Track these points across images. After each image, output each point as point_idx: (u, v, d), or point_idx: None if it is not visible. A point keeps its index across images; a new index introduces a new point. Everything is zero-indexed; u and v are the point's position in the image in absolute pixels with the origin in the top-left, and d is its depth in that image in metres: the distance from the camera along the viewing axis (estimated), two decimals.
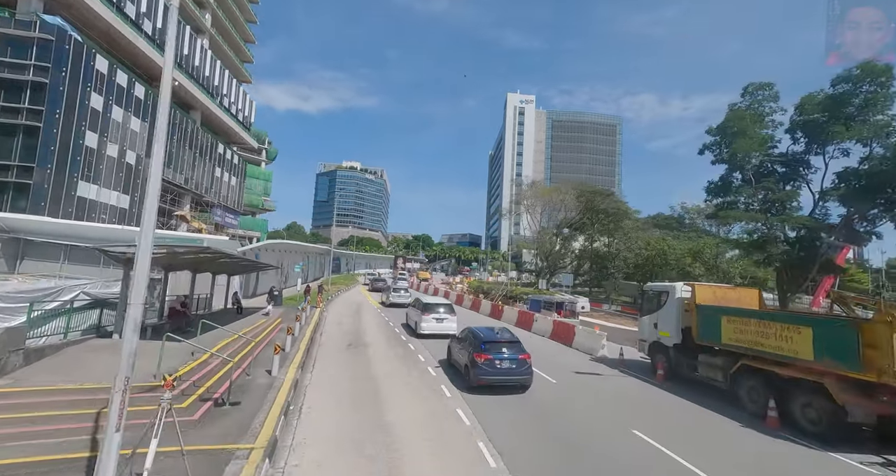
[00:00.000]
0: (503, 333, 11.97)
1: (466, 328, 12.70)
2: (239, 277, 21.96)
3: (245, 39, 55.68)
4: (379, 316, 24.25)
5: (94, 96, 30.03)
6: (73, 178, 28.68)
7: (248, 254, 22.57)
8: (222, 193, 50.85)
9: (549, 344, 18.25)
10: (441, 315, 17.93)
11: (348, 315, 23.35)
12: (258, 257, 24.00)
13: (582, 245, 47.37)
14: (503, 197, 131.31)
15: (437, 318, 17.81)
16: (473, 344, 11.12)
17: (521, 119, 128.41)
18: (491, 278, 68.96)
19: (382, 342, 16.60)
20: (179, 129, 40.95)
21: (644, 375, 13.18)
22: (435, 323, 17.70)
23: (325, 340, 16.08)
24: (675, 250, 29.01)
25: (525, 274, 77.64)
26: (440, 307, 18.26)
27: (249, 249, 23.05)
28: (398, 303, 27.94)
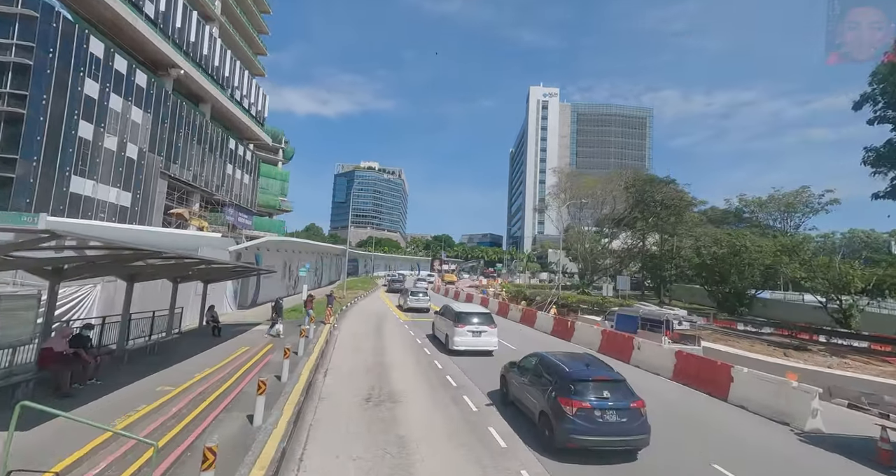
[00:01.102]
0: (597, 366, 8.14)
1: (535, 355, 9.08)
2: (233, 284, 18.41)
3: (258, 30, 53.08)
4: (408, 336, 18.03)
5: (89, 82, 27.30)
6: (65, 173, 25.94)
7: (244, 254, 18.94)
8: (234, 192, 48.21)
9: (676, 390, 11.85)
10: (478, 327, 14.97)
11: (366, 335, 17.47)
12: (259, 260, 20.43)
13: (624, 243, 42.18)
14: (527, 194, 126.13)
15: (473, 331, 14.85)
16: (557, 382, 7.53)
17: (544, 113, 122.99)
18: (521, 281, 64.06)
19: (420, 388, 10.71)
20: (187, 122, 38.27)
21: None
22: (471, 337, 14.82)
23: (331, 387, 10.23)
24: (761, 248, 23.88)
25: (554, 275, 72.42)
26: (475, 317, 15.22)
27: (245, 248, 19.76)
28: (416, 307, 26.29)
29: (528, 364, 8.94)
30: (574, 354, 9.17)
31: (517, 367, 9.38)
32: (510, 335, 18.81)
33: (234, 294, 19.58)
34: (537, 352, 9.23)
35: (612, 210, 41.34)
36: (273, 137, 75.98)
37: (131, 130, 31.44)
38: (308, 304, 17.73)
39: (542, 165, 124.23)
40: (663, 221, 35.23)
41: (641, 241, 38.26)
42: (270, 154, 78.95)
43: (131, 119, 31.39)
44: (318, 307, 19.87)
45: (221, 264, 11.55)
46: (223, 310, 18.14)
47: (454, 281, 56.13)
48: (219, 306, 17.23)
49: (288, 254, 26.84)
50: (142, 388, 8.53)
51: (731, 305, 27.09)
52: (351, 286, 37.97)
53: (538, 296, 29.76)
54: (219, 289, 17.15)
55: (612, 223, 40.17)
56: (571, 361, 8.18)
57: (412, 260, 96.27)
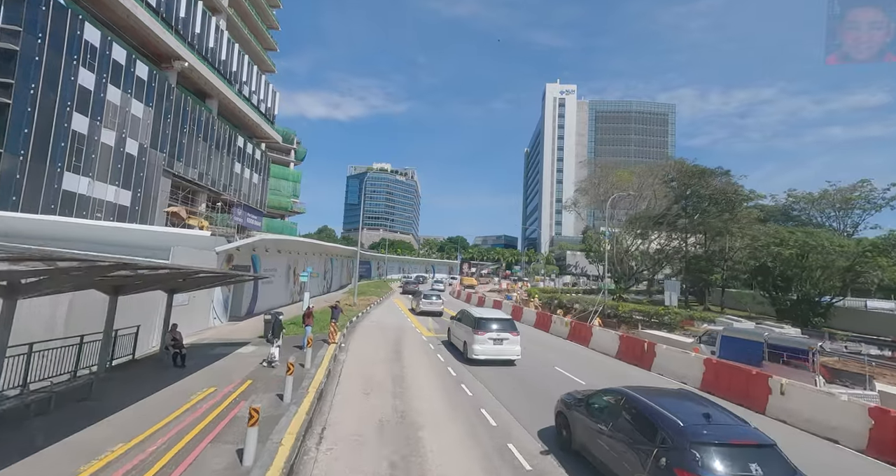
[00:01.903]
0: (723, 417, 5.61)
1: (614, 392, 6.84)
2: (223, 291, 15.89)
3: (268, 25, 51.36)
4: (435, 361, 14.28)
5: (84, 72, 25.44)
6: (57, 168, 24.05)
7: (237, 255, 16.38)
8: (243, 191, 46.36)
9: None
10: (499, 334, 14.07)
11: (381, 362, 13.68)
12: (257, 262, 17.85)
13: (657, 244, 38.56)
14: (543, 194, 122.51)
15: (493, 339, 13.98)
16: (667, 442, 5.18)
17: (561, 111, 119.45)
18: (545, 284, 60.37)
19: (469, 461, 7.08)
20: (192, 117, 36.43)
21: None
22: (492, 344, 13.97)
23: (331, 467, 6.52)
24: (843, 247, 20.26)
25: (577, 278, 68.98)
26: (496, 323, 14.29)
27: (237, 249, 16.84)
28: (429, 310, 26.21)
29: (603, 403, 6.76)
30: (676, 393, 6.84)
31: (585, 405, 7.13)
32: (564, 358, 15.95)
33: (224, 303, 17.04)
34: (617, 388, 6.92)
35: (648, 206, 37.55)
36: (285, 138, 74.55)
37: (131, 125, 29.58)
38: (307, 320, 13.88)
39: (560, 165, 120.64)
40: (713, 218, 31.32)
41: (683, 241, 34.52)
42: (282, 155, 77.66)
43: (131, 113, 29.53)
44: (320, 320, 16.59)
45: (213, 275, 8.76)
46: (209, 323, 15.66)
47: (475, 285, 52.40)
48: (202, 320, 14.67)
49: (292, 255, 24.13)
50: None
51: (800, 315, 23.24)
52: (363, 291, 35.26)
53: (576, 303, 26.39)
54: (203, 298, 14.61)
55: (650, 221, 36.54)
56: (679, 406, 5.76)
57: (426, 262, 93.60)
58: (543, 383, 12.07)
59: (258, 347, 13.76)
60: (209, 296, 15.74)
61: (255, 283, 18.98)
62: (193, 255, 14.44)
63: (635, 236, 37.70)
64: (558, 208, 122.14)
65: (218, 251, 15.62)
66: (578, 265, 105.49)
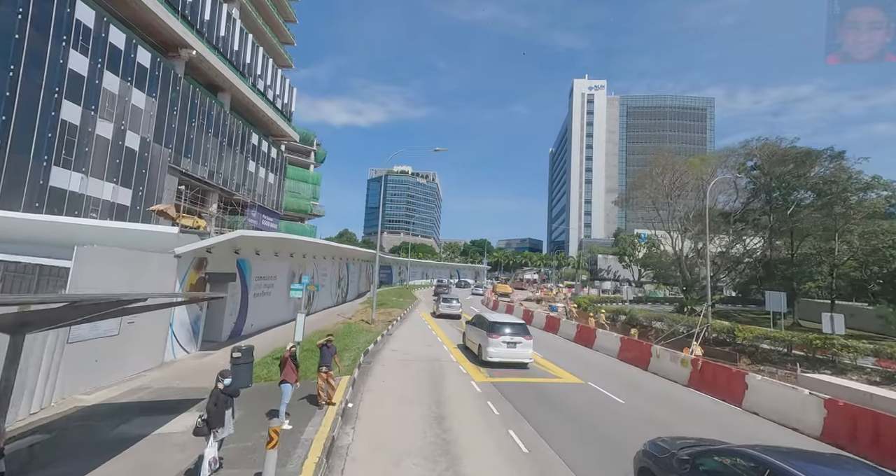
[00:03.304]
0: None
1: (739, 453, 4.81)
2: (190, 311, 11.64)
3: (285, 17, 48.90)
4: (519, 456, 7.60)
5: (76, 56, 22.81)
6: (42, 162, 21.34)
7: (211, 259, 12.23)
8: (258, 192, 43.68)
9: None
10: (512, 338, 14.44)
11: (417, 452, 7.52)
12: (246, 271, 13.94)
13: (724, 246, 33.03)
14: (571, 195, 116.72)
15: (507, 342, 14.42)
16: None
17: (590, 108, 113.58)
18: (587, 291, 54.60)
19: None
20: (201, 111, 33.82)
21: None
22: (505, 348, 14.41)
23: None
24: None
25: (619, 284, 63.19)
26: (509, 327, 14.76)
27: (209, 250, 12.31)
28: (448, 313, 27.64)
29: (717, 466, 4.89)
30: (834, 462, 4.84)
31: (692, 467, 5.16)
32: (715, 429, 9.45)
33: (192, 325, 12.41)
34: (743, 450, 4.93)
35: (734, 199, 31.35)
36: (304, 139, 72.40)
37: (132, 116, 26.94)
38: (286, 371, 8.08)
39: (588, 164, 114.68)
40: (818, 212, 25.42)
41: (768, 242, 28.77)
42: (302, 156, 75.65)
43: (131, 103, 26.89)
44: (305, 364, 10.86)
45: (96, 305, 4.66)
46: (161, 357, 11.24)
47: (509, 293, 46.84)
48: (146, 354, 10.51)
49: (296, 260, 20.00)
50: None
51: None
52: (383, 301, 30.76)
53: (655, 320, 20.75)
54: (151, 322, 10.23)
55: (724, 219, 31.06)
56: None
57: (450, 266, 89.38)
58: None
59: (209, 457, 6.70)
60: (164, 317, 10.95)
61: (245, 295, 15.11)
62: (127, 261, 9.86)
63: (696, 238, 31.96)
64: (587, 209, 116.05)
65: (178, 254, 10.90)
66: (611, 270, 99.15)
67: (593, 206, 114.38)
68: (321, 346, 9.21)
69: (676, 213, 32.94)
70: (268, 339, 15.12)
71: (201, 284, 12.50)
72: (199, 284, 12.37)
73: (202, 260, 12.67)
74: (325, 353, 9.12)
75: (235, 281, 14.51)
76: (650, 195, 33.89)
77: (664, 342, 16.10)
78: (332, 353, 9.28)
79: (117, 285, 9.22)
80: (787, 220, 27.04)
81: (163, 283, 10.58)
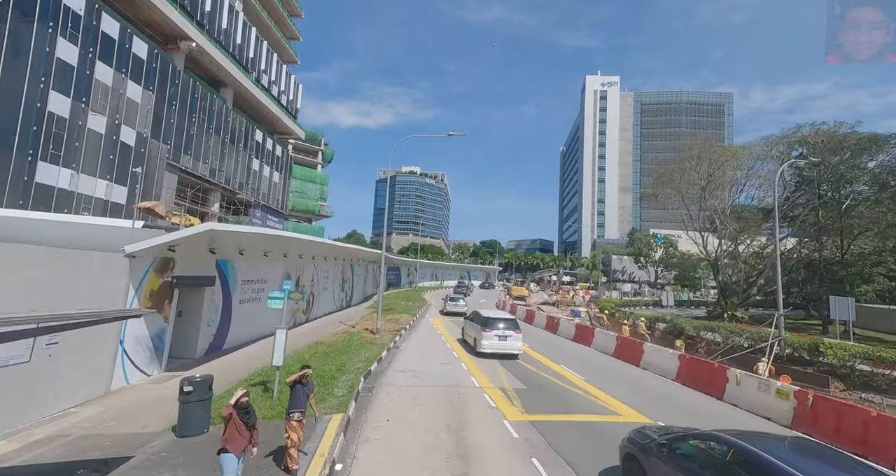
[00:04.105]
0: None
1: (714, 437, 5.33)
2: (149, 323, 9.32)
3: (290, 12, 47.54)
4: None
5: (64, 44, 21.41)
6: (27, 157, 19.93)
7: (179, 261, 10.38)
8: (262, 191, 42.27)
9: None
10: (503, 332, 15.83)
11: None
12: (229, 273, 11.92)
13: (759, 246, 30.32)
14: (584, 194, 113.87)
15: (499, 336, 15.80)
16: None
17: (602, 104, 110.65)
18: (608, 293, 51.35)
19: None
20: (202, 106, 32.44)
21: None
22: (497, 340, 15.75)
23: None
24: None
25: (638, 286, 60.81)
26: (501, 322, 16.17)
27: (172, 247, 10.06)
28: (453, 311, 29.63)
29: (699, 453, 5.27)
30: (796, 444, 5.24)
31: (669, 450, 5.59)
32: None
33: (154, 341, 9.97)
34: (713, 433, 5.42)
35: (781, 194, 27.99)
36: (312, 138, 71.14)
37: (127, 110, 25.54)
38: (229, 433, 5.30)
39: (601, 162, 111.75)
40: (879, 206, 22.55)
41: (816, 240, 25.87)
42: (309, 156, 74.46)
43: (126, 96, 25.50)
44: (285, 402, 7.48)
45: None
46: (107, 386, 8.82)
47: (526, 296, 43.85)
48: (82, 383, 8.12)
49: (292, 260, 17.54)
50: None
51: None
52: (391, 306, 28.38)
53: (705, 330, 17.29)
54: (89, 340, 7.93)
55: (762, 215, 28.33)
56: (810, 466, 4.34)
57: (461, 267, 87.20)
58: None
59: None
60: (110, 332, 8.54)
61: (228, 301, 12.89)
62: (49, 263, 7.50)
63: (735, 236, 29.05)
64: (600, 209, 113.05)
65: (131, 253, 8.61)
66: (626, 270, 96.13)
67: (606, 206, 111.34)
68: (292, 383, 6.63)
69: (707, 209, 30.18)
70: (255, 353, 12.96)
71: (166, 291, 10.41)
72: (163, 291, 10.30)
73: (167, 260, 10.26)
74: (299, 394, 6.60)
75: (214, 285, 12.26)
76: (679, 189, 31.09)
77: (722, 358, 13.73)
78: (308, 392, 6.72)
79: (30, 296, 7.11)
80: (840, 216, 24.09)
81: (107, 291, 8.50)
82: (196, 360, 11.72)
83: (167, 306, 10.39)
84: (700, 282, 59.43)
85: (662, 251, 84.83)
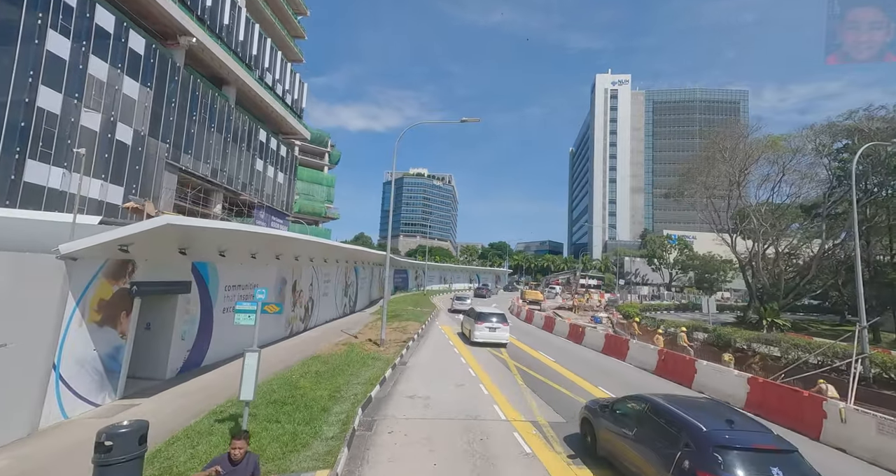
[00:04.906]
0: (748, 425, 5.86)
1: (640, 398, 7.02)
2: (97, 333, 7.60)
3: (295, 10, 46.59)
4: None
5: (55, 37, 20.39)
6: (14, 155, 18.90)
7: (142, 250, 8.50)
8: (266, 192, 41.18)
9: None
10: (493, 324, 18.35)
11: None
12: (209, 278, 10.04)
13: (791, 246, 28.11)
14: (594, 195, 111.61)
15: (489, 327, 18.28)
16: (690, 446, 5.43)
17: (613, 103, 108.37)
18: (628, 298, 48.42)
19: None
20: (203, 104, 31.42)
21: None
22: (488, 331, 18.24)
23: None
24: None
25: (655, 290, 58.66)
26: (493, 317, 18.66)
27: (120, 247, 7.82)
28: (460, 309, 29.95)
29: (629, 409, 6.92)
30: (701, 403, 6.89)
31: (610, 410, 7.37)
32: None
33: (100, 363, 8.05)
34: (641, 395, 7.13)
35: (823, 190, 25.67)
36: (318, 140, 70.19)
37: (123, 107, 24.51)
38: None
39: (612, 162, 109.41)
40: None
41: (865, 239, 23.64)
42: (315, 158, 73.59)
43: (122, 92, 24.47)
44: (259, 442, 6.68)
45: None
46: (45, 417, 6.98)
47: (540, 300, 41.73)
48: (11, 417, 6.35)
49: (287, 262, 15.74)
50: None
51: None
52: (396, 312, 26.60)
53: (758, 342, 14.89)
54: (3, 362, 6.16)
55: (804, 213, 26.20)
56: (704, 414, 5.88)
57: (470, 270, 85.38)
58: None
59: None
60: (35, 352, 6.70)
61: (208, 311, 11.10)
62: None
63: (777, 236, 26.54)
64: (612, 210, 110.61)
65: (67, 254, 6.87)
66: (639, 273, 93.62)
67: (618, 207, 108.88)
68: (216, 471, 4.20)
69: (735, 206, 27.95)
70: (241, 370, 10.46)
71: (123, 300, 8.56)
72: (118, 300, 8.44)
73: (124, 263, 8.42)
74: None
75: (190, 292, 10.55)
76: (706, 185, 28.86)
77: (786, 378, 11.75)
78: (249, 471, 4.42)
79: None
80: (889, 214, 21.84)
81: (29, 302, 6.62)
82: (166, 382, 9.80)
83: (124, 319, 8.64)
84: (719, 285, 56.98)
85: (677, 252, 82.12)
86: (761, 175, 28.26)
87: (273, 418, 7.68)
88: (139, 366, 9.69)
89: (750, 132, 28.19)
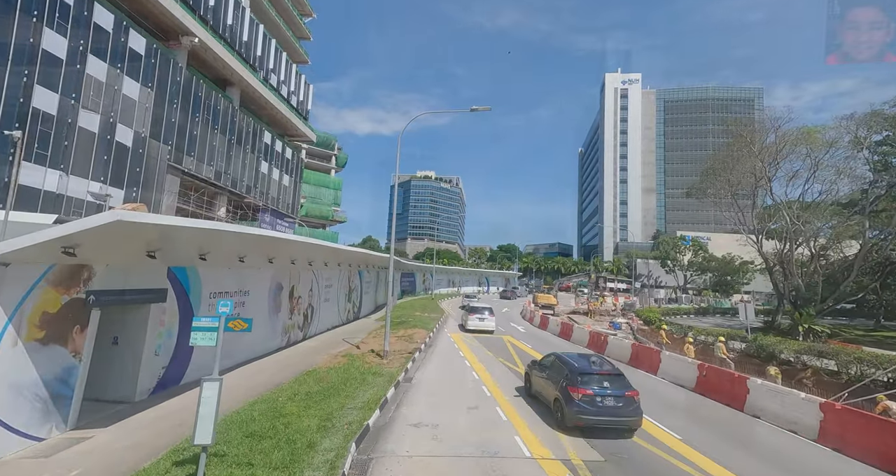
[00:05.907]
0: (602, 363, 10.40)
1: (553, 354, 11.79)
2: (37, 364, 6.12)
3: (300, 10, 46.10)
4: None
5: (51, 35, 19.82)
6: (7, 157, 18.23)
7: (94, 251, 7.03)
8: (271, 194, 40.53)
9: None
10: (483, 315, 24.15)
11: None
12: (189, 285, 8.82)
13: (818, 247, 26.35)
14: (605, 196, 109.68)
15: (479, 318, 24.07)
16: (568, 375, 9.78)
17: (623, 103, 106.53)
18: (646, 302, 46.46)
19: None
20: (206, 105, 30.85)
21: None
22: (478, 321, 23.97)
23: None
24: None
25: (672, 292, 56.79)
26: (484, 311, 24.58)
27: (64, 250, 6.41)
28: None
29: (547, 362, 11.02)
30: (584, 355, 11.03)
31: (538, 364, 11.47)
32: None
33: (44, 389, 6.71)
34: (554, 352, 11.36)
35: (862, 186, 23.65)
36: (325, 143, 69.75)
37: (123, 108, 23.91)
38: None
39: (623, 162, 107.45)
40: None
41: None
42: (322, 161, 73.16)
43: (122, 93, 23.88)
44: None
45: None
46: None
47: (554, 304, 40.21)
48: None
49: (283, 266, 14.64)
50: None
51: None
52: (402, 317, 25.31)
53: (808, 354, 13.45)
54: None
55: (842, 210, 24.41)
56: (581, 359, 10.26)
57: (479, 273, 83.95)
58: None
59: None
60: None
61: (190, 321, 9.92)
62: None
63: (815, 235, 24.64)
64: (623, 211, 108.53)
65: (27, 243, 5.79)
66: (652, 275, 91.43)
67: (629, 208, 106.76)
68: None
69: (763, 205, 26.32)
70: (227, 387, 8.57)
71: (75, 313, 7.36)
72: (68, 313, 7.22)
73: (77, 269, 7.25)
74: None
75: (166, 301, 9.33)
76: (730, 182, 27.18)
77: (850, 399, 10.19)
78: None
79: None
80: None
81: None
82: (134, 406, 8.45)
83: (78, 335, 7.44)
84: (737, 287, 54.81)
85: (692, 254, 79.86)
86: (789, 171, 26.58)
87: (244, 460, 6.27)
88: (105, 387, 8.51)
89: (781, 123, 26.43)
